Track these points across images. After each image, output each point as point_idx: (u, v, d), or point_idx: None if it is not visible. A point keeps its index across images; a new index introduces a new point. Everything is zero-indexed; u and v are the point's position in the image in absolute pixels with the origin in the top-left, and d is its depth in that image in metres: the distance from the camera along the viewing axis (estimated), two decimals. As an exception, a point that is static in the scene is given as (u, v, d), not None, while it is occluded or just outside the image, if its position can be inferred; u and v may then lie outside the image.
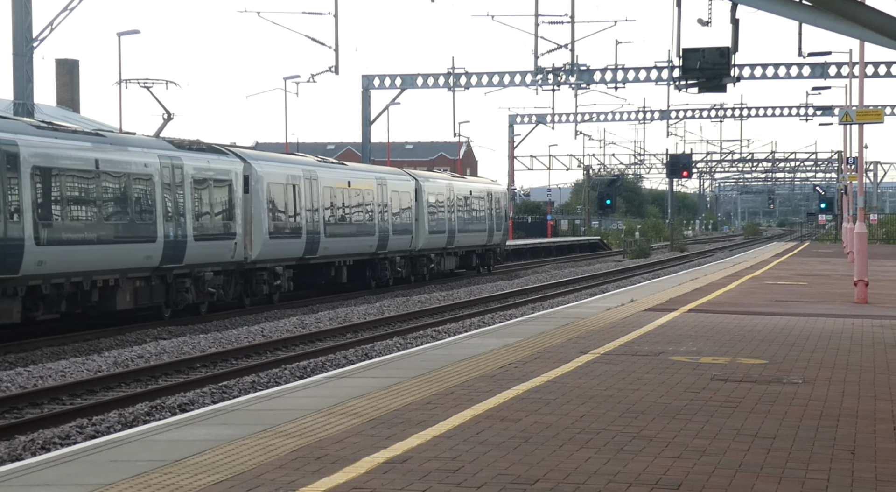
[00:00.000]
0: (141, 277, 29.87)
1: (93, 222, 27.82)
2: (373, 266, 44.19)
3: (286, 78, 68.24)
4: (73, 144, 27.60)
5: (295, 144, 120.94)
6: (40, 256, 25.81)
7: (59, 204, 26.60)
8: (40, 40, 42.15)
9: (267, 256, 35.73)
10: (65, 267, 26.76)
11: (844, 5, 14.21)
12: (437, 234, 49.53)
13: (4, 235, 24.97)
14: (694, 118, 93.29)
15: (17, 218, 25.31)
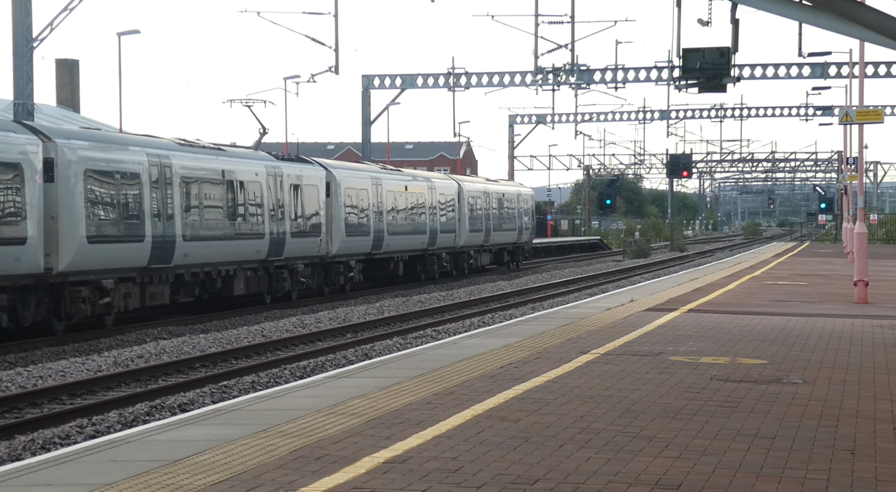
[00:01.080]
0: (251, 268, 34.94)
1: (220, 222, 32.94)
2: (423, 261, 49.63)
3: (286, 78, 68.16)
4: (206, 158, 32.64)
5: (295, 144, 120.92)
6: (185, 249, 31.00)
7: (197, 207, 31.71)
8: (40, 40, 42.16)
9: (343, 251, 41.19)
10: (201, 259, 31.89)
11: (844, 5, 14.21)
12: (475, 232, 54.94)
13: (163, 233, 30.06)
14: (694, 118, 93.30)
15: (171, 219, 30.44)
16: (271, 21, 70.56)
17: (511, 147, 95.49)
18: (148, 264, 29.61)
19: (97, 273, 27.75)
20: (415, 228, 48.08)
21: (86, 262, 27.24)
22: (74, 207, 27.03)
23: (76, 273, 27.07)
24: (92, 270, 27.57)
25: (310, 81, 61.26)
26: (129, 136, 31.53)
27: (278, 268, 36.64)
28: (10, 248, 24.89)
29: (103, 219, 27.96)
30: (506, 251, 61.00)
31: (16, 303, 25.55)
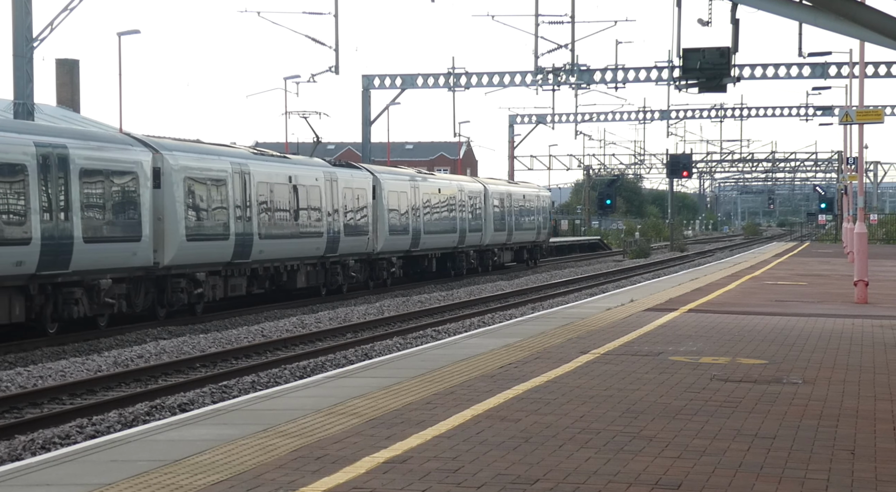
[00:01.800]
0: (311, 263, 38.89)
1: (287, 222, 36.87)
2: (453, 258, 53.60)
3: (286, 78, 68.20)
4: (276, 165, 36.86)
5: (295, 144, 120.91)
6: (261, 247, 34.92)
7: (270, 209, 35.61)
8: (40, 40, 42.16)
9: (387, 249, 45.21)
10: (272, 255, 35.81)
11: (844, 5, 14.21)
12: (499, 231, 58.84)
13: (244, 232, 33.96)
14: (694, 118, 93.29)
15: (250, 219, 34.31)
16: (271, 21, 70.56)
17: (511, 147, 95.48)
18: (231, 260, 33.75)
19: (193, 267, 31.81)
20: (447, 227, 52.04)
21: (184, 257, 31.32)
22: (176, 209, 31.01)
23: (177, 267, 31.10)
24: (189, 264, 31.60)
25: (310, 81, 61.29)
26: (216, 146, 35.03)
27: (333, 263, 40.71)
28: (128, 244, 29.18)
29: (198, 220, 31.91)
30: (525, 249, 64.51)
31: (131, 292, 29.65)
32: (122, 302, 29.12)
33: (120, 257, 28.74)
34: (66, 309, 27.15)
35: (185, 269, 31.37)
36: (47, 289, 26.63)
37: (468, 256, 55.42)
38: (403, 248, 47.02)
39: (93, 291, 27.95)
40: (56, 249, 26.34)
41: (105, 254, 28.20)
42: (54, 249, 26.32)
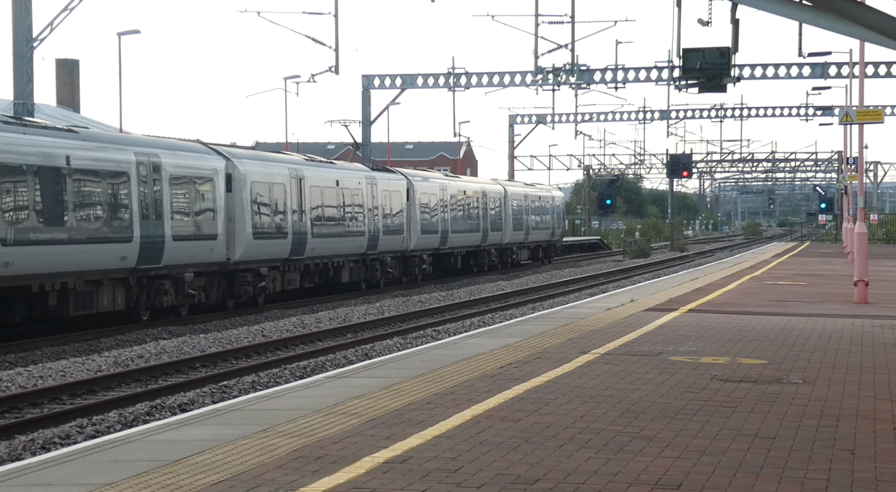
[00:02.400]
0: (354, 260, 42.52)
1: (336, 221, 40.73)
2: (476, 256, 57.53)
3: (286, 78, 68.30)
4: (325, 170, 40.75)
5: (295, 143, 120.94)
6: (313, 244, 38.56)
7: (319, 209, 39.29)
8: (40, 40, 42.16)
9: (419, 247, 48.86)
10: (322, 252, 39.50)
11: (844, 5, 14.21)
12: (517, 231, 62.67)
13: (299, 231, 37.62)
14: (694, 118, 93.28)
15: (304, 219, 37.93)
16: (271, 21, 70.51)
17: (511, 147, 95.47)
18: (289, 256, 37.31)
19: (257, 263, 35.38)
20: (471, 226, 56.01)
21: (251, 254, 34.84)
22: (245, 211, 34.54)
23: (245, 262, 34.63)
24: (254, 260, 35.15)
25: (310, 81, 61.31)
26: (275, 154, 39.36)
27: (372, 260, 44.38)
28: (207, 242, 32.61)
29: (262, 220, 35.39)
30: (541, 248, 68.34)
31: (207, 285, 33.04)
32: (202, 293, 32.77)
33: (200, 254, 32.41)
34: (157, 298, 30.70)
35: (251, 264, 35.06)
36: (143, 281, 30.12)
37: (490, 253, 59.37)
38: (433, 246, 50.87)
39: (179, 283, 31.55)
40: (151, 247, 29.92)
41: (189, 251, 31.81)
42: (150, 246, 29.86)
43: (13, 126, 26.09)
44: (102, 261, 28.10)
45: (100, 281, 28.21)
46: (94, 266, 27.85)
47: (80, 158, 27.50)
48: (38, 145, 26.30)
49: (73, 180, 27.22)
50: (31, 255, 25.78)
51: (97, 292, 28.20)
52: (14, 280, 25.40)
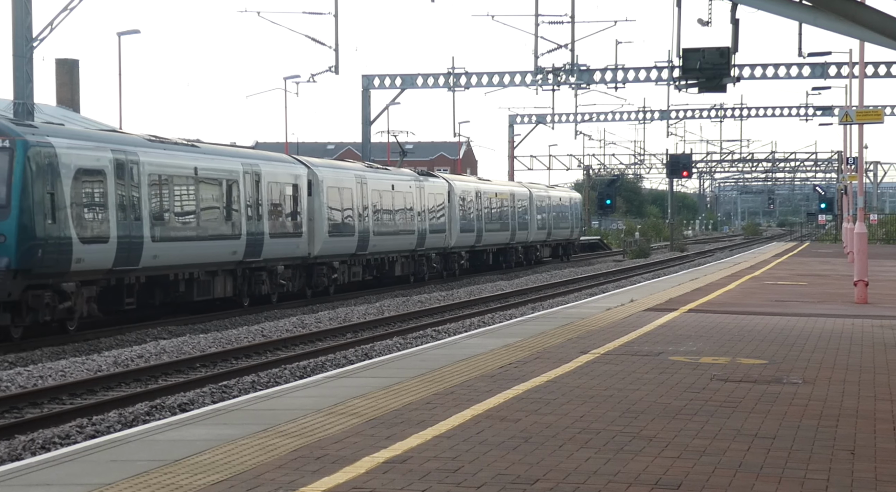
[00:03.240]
0: (405, 256, 47.66)
1: (391, 222, 45.92)
2: (505, 253, 62.41)
3: (286, 78, 68.34)
4: (384, 175, 46.05)
5: (295, 144, 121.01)
6: (374, 241, 43.95)
7: (379, 210, 44.69)
8: (40, 40, 42.15)
9: (458, 244, 54.13)
10: (381, 248, 45.01)
11: (844, 5, 14.21)
12: (541, 230, 67.87)
13: (363, 229, 43.11)
14: (694, 118, 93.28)
15: (367, 219, 43.44)
16: (271, 21, 70.64)
17: (511, 147, 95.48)
18: (355, 252, 42.37)
19: (331, 257, 40.62)
20: (502, 226, 60.80)
21: (327, 249, 40.06)
22: (322, 212, 39.77)
23: (322, 257, 39.93)
24: (329, 255, 40.39)
25: (310, 81, 61.31)
26: (343, 162, 45.70)
27: (420, 256, 49.41)
28: (294, 239, 37.62)
29: (335, 220, 40.64)
30: (561, 246, 73.35)
31: (292, 276, 38.02)
32: (290, 283, 37.73)
33: (289, 249, 37.40)
34: (256, 287, 35.53)
35: (326, 258, 40.30)
36: (246, 272, 34.90)
37: (517, 250, 64.42)
38: (469, 243, 55.89)
39: (273, 274, 36.51)
40: (254, 243, 34.94)
41: (281, 247, 36.81)
42: (254, 243, 34.92)
43: (156, 143, 31.05)
44: (219, 255, 33.25)
45: (216, 272, 33.25)
46: (213, 259, 32.99)
47: (203, 168, 32.57)
48: (175, 158, 31.35)
49: (200, 187, 32.34)
50: (171, 249, 30.74)
51: (213, 281, 33.14)
52: (158, 270, 30.43)
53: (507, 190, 63.02)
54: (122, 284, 29.00)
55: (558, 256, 72.85)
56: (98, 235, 27.76)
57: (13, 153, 25.65)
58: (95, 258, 27.66)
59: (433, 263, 51.26)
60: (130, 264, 28.94)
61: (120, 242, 28.45)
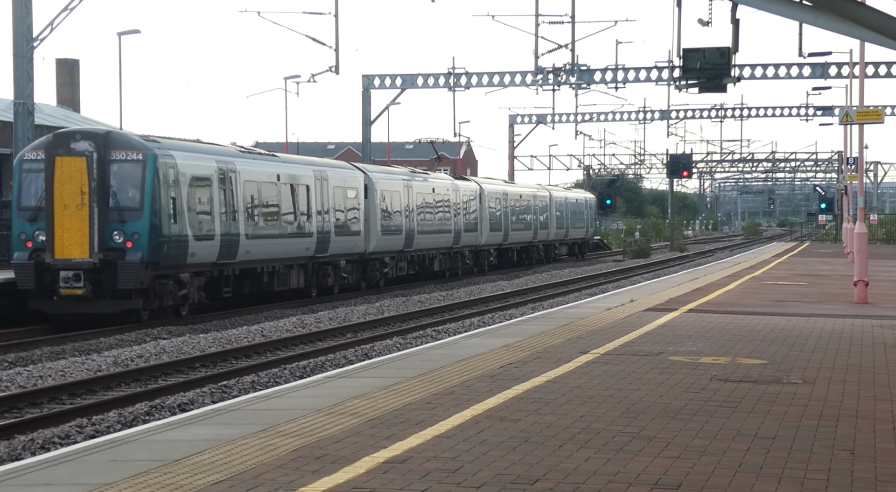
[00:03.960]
0: (443, 252, 52.60)
1: (432, 221, 50.86)
2: (527, 251, 66.50)
3: (286, 78, 68.34)
4: (425, 178, 51.17)
5: (295, 143, 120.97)
6: (418, 239, 48.59)
7: (422, 211, 49.48)
8: (40, 40, 42.14)
9: (487, 242, 58.48)
10: (424, 246, 49.55)
11: (844, 5, 14.21)
12: (559, 229, 72.21)
13: (409, 228, 47.50)
14: (694, 118, 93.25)
15: (412, 219, 48.08)
16: (271, 21, 70.64)
17: (511, 147, 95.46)
18: (402, 249, 47.05)
19: (383, 253, 45.25)
20: (525, 225, 65.10)
21: (380, 246, 44.75)
22: (377, 213, 44.44)
23: (375, 253, 44.51)
24: (381, 251, 45.01)
25: (310, 81, 61.27)
26: (391, 168, 51.02)
27: (455, 253, 54.22)
28: (354, 237, 42.36)
29: (386, 220, 45.24)
30: (577, 244, 77.43)
31: (352, 270, 42.75)
32: (350, 276, 42.39)
33: (350, 246, 42.11)
34: (322, 280, 40.04)
35: (379, 254, 44.89)
36: (315, 266, 39.49)
37: (538, 249, 68.57)
38: (498, 242, 59.92)
39: (336, 268, 41.08)
40: (323, 240, 39.60)
41: (344, 244, 41.31)
42: (322, 240, 39.52)
43: (247, 154, 36.03)
44: (295, 251, 37.76)
45: (292, 265, 37.74)
46: (291, 255, 37.53)
47: (284, 175, 37.34)
48: (262, 167, 36.13)
49: (281, 192, 36.89)
50: (260, 246, 35.28)
51: (289, 274, 37.56)
52: (250, 263, 34.90)
53: (530, 192, 67.39)
54: (222, 275, 33.80)
55: (574, 253, 77.04)
56: (207, 233, 32.47)
57: (145, 165, 30.17)
58: (204, 253, 32.36)
59: (466, 260, 55.80)
60: (229, 258, 33.73)
61: (223, 240, 33.21)
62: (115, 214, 29.97)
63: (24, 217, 30.31)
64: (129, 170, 30.13)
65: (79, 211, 29.88)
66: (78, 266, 29.55)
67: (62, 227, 29.83)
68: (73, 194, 29.93)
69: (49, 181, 29.97)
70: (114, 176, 30.09)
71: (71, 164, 29.95)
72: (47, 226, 29.87)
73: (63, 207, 29.89)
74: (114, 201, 30.02)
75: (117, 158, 30.13)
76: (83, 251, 29.68)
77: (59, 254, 29.70)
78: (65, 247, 29.74)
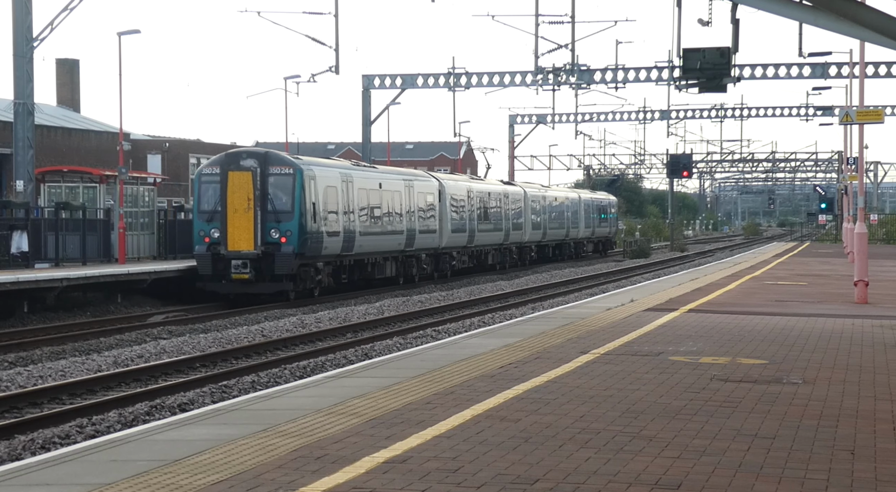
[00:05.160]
0: (495, 248, 60.42)
1: (488, 221, 58.34)
2: (561, 247, 74.02)
3: (286, 78, 68.09)
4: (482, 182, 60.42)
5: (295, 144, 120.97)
6: (478, 237, 56.66)
7: (481, 212, 57.19)
8: (40, 40, 42.14)
9: (530, 240, 66.26)
10: (482, 242, 57.68)
11: (845, 5, 14.21)
12: (587, 228, 79.69)
13: (472, 227, 55.84)
14: (694, 118, 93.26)
15: (473, 219, 56.29)
16: (271, 21, 70.65)
17: (511, 147, 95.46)
18: (466, 245, 55.55)
19: (452, 248, 53.49)
20: (560, 225, 72.97)
21: (450, 242, 52.96)
22: (447, 214, 52.55)
23: (447, 248, 52.74)
24: (451, 246, 53.33)
25: (310, 81, 61.24)
26: (457, 174, 62.00)
27: (505, 248, 62.23)
28: (432, 234, 50.63)
29: (455, 220, 53.51)
30: (601, 242, 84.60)
31: (429, 262, 50.93)
32: (428, 267, 50.74)
33: (429, 242, 50.26)
34: (408, 270, 48.19)
35: (449, 249, 53.13)
36: (403, 258, 47.65)
37: (569, 246, 75.71)
38: (538, 239, 67.44)
39: (419, 260, 49.44)
40: (411, 237, 48.08)
41: (425, 240, 49.69)
42: (410, 236, 47.97)
43: (357, 167, 45.06)
44: (391, 245, 46.21)
45: (387, 257, 45.92)
46: (388, 249, 45.93)
47: (384, 182, 46.08)
48: (370, 176, 45.02)
49: (382, 197, 45.43)
50: (369, 241, 43.84)
51: (385, 264, 45.69)
52: (361, 255, 43.46)
53: (563, 195, 75.59)
54: (342, 264, 42.22)
55: (598, 250, 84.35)
56: (334, 230, 40.80)
57: (294, 177, 38.58)
58: (333, 246, 40.75)
59: (513, 255, 63.35)
60: (348, 251, 42.24)
61: (344, 235, 41.67)
62: (272, 216, 38.07)
63: (203, 218, 38.23)
64: (283, 181, 38.42)
65: (246, 213, 38.08)
66: (245, 256, 37.76)
67: (233, 225, 37.98)
68: (242, 200, 38.11)
69: (223, 190, 38.05)
70: (271, 186, 38.28)
71: (240, 177, 38.18)
72: (221, 225, 37.88)
73: (234, 211, 38.01)
74: (271, 206, 38.17)
75: (274, 172, 38.34)
76: (249, 245, 37.95)
77: (231, 247, 37.89)
78: (235, 241, 37.96)
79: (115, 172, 43.85)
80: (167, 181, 70.89)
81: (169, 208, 51.14)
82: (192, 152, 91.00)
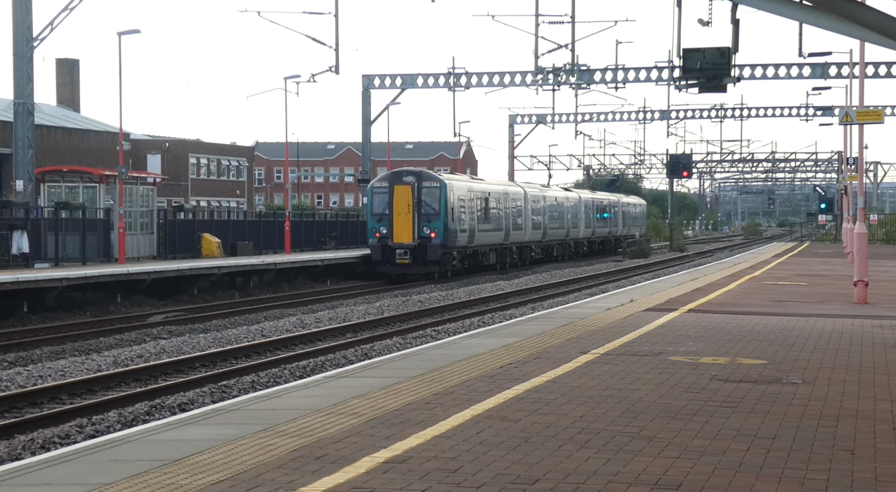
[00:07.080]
0: (560, 243, 73.60)
1: (555, 220, 71.83)
2: (604, 243, 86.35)
3: (286, 78, 68.08)
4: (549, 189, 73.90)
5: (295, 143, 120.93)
6: (549, 233, 71.51)
7: (551, 214, 71.61)
8: (40, 40, 42.15)
9: (584, 236, 79.99)
10: (551, 238, 71.31)
11: (845, 5, 14.21)
12: (625, 227, 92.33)
13: (545, 225, 70.06)
14: (694, 118, 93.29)
15: (545, 219, 70.06)
16: (271, 21, 70.63)
17: (511, 147, 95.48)
18: (540, 239, 68.88)
19: (530, 242, 66.65)
20: (604, 224, 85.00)
21: (530, 238, 66.65)
22: (530, 215, 66.54)
23: (527, 242, 65.93)
24: (530, 241, 66.67)
25: (310, 81, 61.27)
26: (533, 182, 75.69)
27: (565, 244, 75.16)
28: (519, 231, 64.28)
29: (534, 220, 66.67)
30: (601, 242, 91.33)
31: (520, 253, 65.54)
32: (516, 258, 64.51)
33: (518, 237, 63.79)
34: (504, 259, 62.38)
35: (529, 243, 66.51)
36: (501, 250, 61.16)
37: (611, 242, 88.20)
38: (538, 239, 70.57)
39: (511, 251, 63.26)
40: (507, 232, 62.05)
41: (514, 235, 63.29)
42: (506, 232, 61.79)
43: (474, 179, 60.21)
44: (494, 239, 60.06)
45: (493, 249, 59.71)
46: (492, 242, 59.93)
47: (490, 192, 60.01)
48: (481, 187, 59.14)
49: (489, 201, 58.91)
50: (482, 235, 57.94)
51: (490, 254, 59.61)
52: (477, 247, 57.73)
53: (604, 198, 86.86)
54: (466, 254, 56.41)
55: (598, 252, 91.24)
56: (464, 228, 55.14)
57: (440, 189, 53.33)
58: (463, 239, 55.24)
59: (571, 249, 76.10)
60: (471, 243, 56.65)
61: (469, 232, 55.92)
62: (425, 218, 52.89)
63: (375, 219, 52.97)
64: (432, 192, 53.28)
65: (407, 215, 52.93)
66: (406, 246, 52.40)
67: (398, 224, 52.91)
68: (403, 206, 53.00)
69: (390, 199, 52.97)
70: (424, 195, 53.09)
71: (402, 189, 53.30)
72: (388, 224, 52.77)
73: (398, 213, 52.89)
74: (424, 210, 52.95)
75: (426, 185, 53.32)
76: (409, 238, 52.72)
77: (396, 239, 52.69)
78: (399, 235, 52.76)
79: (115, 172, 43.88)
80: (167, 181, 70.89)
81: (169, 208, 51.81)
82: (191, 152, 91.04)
